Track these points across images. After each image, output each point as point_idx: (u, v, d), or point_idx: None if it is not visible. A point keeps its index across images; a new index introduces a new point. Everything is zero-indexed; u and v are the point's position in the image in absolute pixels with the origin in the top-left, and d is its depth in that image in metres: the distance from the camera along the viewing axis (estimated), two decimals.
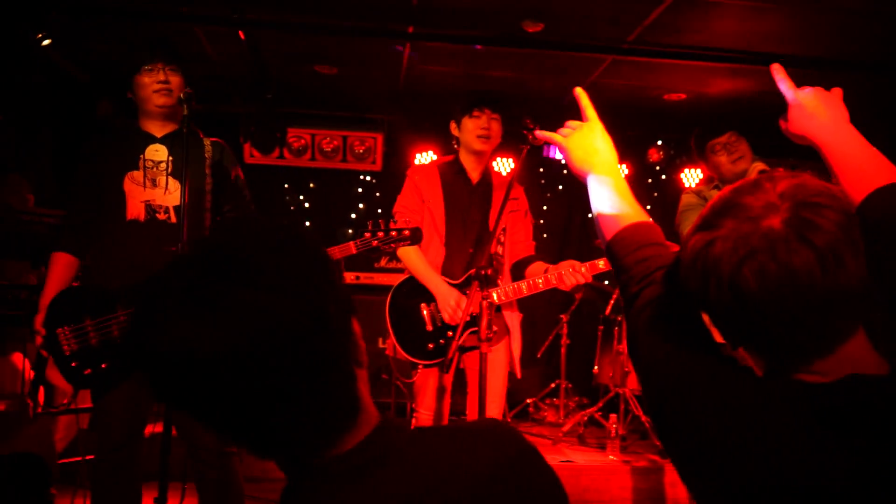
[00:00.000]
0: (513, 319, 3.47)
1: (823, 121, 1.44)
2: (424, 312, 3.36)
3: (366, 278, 5.89)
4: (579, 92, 1.60)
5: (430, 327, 3.33)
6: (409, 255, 3.35)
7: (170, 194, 2.92)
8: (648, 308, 1.28)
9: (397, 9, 4.40)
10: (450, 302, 3.27)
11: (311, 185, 7.15)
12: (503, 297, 3.31)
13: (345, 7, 4.43)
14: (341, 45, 5.15)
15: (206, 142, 3.06)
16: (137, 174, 2.91)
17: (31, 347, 3.78)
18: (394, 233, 2.92)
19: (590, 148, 1.54)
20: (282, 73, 5.73)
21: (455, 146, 3.59)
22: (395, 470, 0.94)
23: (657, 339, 1.22)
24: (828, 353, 1.05)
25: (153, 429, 3.76)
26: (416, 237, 2.97)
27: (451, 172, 3.50)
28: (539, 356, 6.27)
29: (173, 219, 2.90)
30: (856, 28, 4.34)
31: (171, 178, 2.93)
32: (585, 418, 5.41)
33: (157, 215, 2.89)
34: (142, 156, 2.94)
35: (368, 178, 7.20)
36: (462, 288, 3.37)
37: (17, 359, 3.86)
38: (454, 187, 3.47)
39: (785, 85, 1.49)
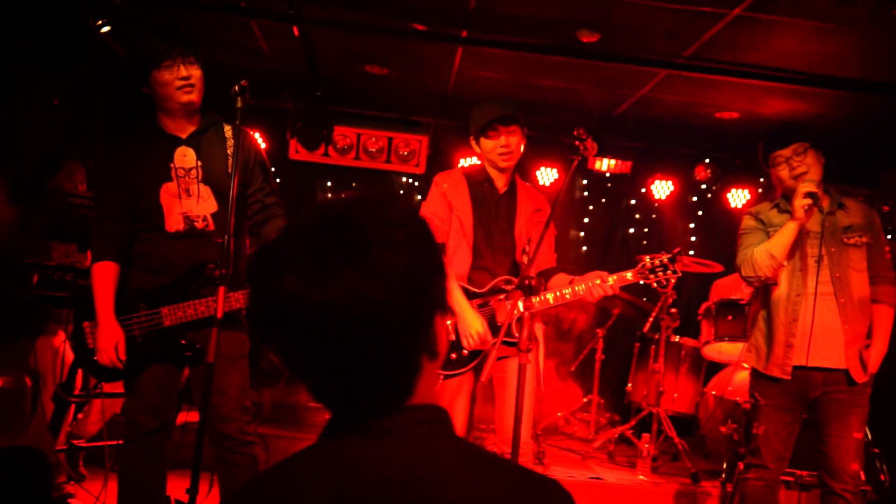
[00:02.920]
0: (538, 331, 3.42)
1: None
2: (447, 323, 3.31)
3: None
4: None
5: (452, 336, 3.28)
6: None
7: (203, 202, 2.90)
8: None
9: (453, 12, 4.39)
10: (471, 327, 3.20)
11: (354, 184, 7.17)
12: (537, 307, 3.26)
13: (400, 8, 4.43)
14: (393, 47, 5.15)
15: (227, 129, 2.99)
16: (172, 186, 2.87)
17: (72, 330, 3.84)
18: None
19: None
20: (332, 71, 5.76)
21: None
22: (414, 452, 1.00)
23: None
24: None
25: (186, 417, 3.80)
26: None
27: (479, 181, 3.45)
28: (573, 369, 6.20)
29: (211, 226, 2.90)
30: None
31: (202, 185, 2.90)
32: (616, 436, 5.33)
33: (196, 224, 2.88)
34: (172, 164, 2.88)
35: (412, 181, 7.21)
36: (487, 296, 3.33)
37: (60, 340, 3.90)
38: (481, 196, 3.43)
39: None
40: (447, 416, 1.07)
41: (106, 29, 4.37)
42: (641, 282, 3.20)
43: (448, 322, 3.30)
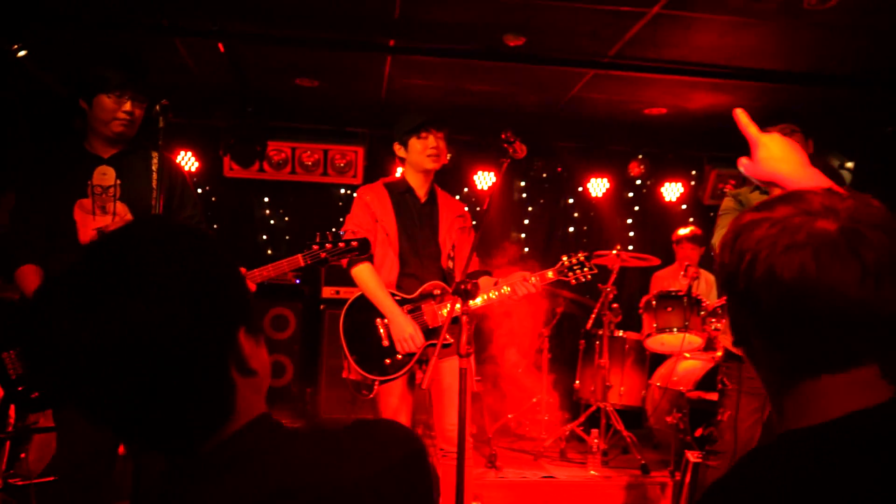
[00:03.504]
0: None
1: (794, 165, 1.44)
2: (381, 328, 3.34)
3: (346, 293, 5.84)
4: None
5: (386, 342, 3.33)
6: (363, 276, 3.34)
7: (120, 219, 2.92)
8: None
9: (379, 22, 4.39)
10: (405, 332, 3.27)
11: (291, 198, 7.11)
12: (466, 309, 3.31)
13: (326, 20, 4.42)
14: (322, 59, 5.13)
15: (154, 156, 2.97)
16: (87, 202, 2.89)
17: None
18: (342, 244, 2.96)
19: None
20: (263, 85, 5.71)
21: (401, 166, 3.62)
22: (254, 469, 0.96)
23: None
24: (839, 370, 1.03)
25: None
26: (364, 248, 3.01)
27: (400, 191, 3.53)
28: (520, 370, 6.24)
29: None
30: (832, 43, 4.38)
31: (119, 203, 2.92)
32: (567, 433, 5.38)
33: None
34: (90, 182, 2.91)
35: (351, 192, 7.17)
36: (417, 302, 3.39)
37: None
38: (404, 206, 3.51)
39: (750, 129, 1.49)
40: (275, 420, 1.03)
41: (22, 53, 4.26)
42: (562, 279, 3.34)
43: (381, 330, 3.32)
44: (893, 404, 1.04)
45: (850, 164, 6.45)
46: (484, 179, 6.78)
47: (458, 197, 4.56)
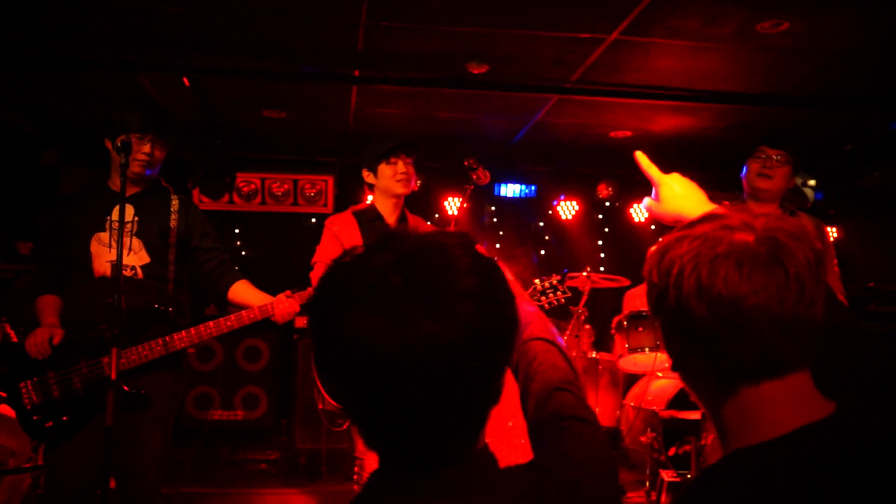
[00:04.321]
0: None
1: (696, 201, 1.50)
2: None
3: None
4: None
5: None
6: None
7: (134, 254, 3.04)
8: None
9: (343, 53, 4.43)
10: None
11: (262, 229, 7.09)
12: None
13: (291, 52, 4.45)
14: (289, 90, 5.16)
15: (174, 199, 3.19)
16: (104, 235, 3.03)
17: None
18: None
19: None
20: (230, 117, 5.72)
21: (369, 192, 3.65)
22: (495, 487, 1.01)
23: None
24: (776, 376, 1.06)
25: None
26: None
27: (368, 219, 3.55)
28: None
29: (140, 274, 3.02)
30: (787, 65, 4.48)
31: (135, 238, 3.05)
32: None
33: (124, 272, 2.97)
34: (108, 217, 3.05)
35: (321, 222, 7.17)
36: None
37: None
38: (373, 232, 3.50)
39: (651, 170, 1.55)
40: (492, 455, 1.06)
41: None
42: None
43: None
44: (837, 420, 1.07)
45: (812, 182, 6.57)
46: (453, 205, 6.83)
47: (428, 223, 4.56)
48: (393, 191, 3.48)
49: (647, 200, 1.56)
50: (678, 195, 1.51)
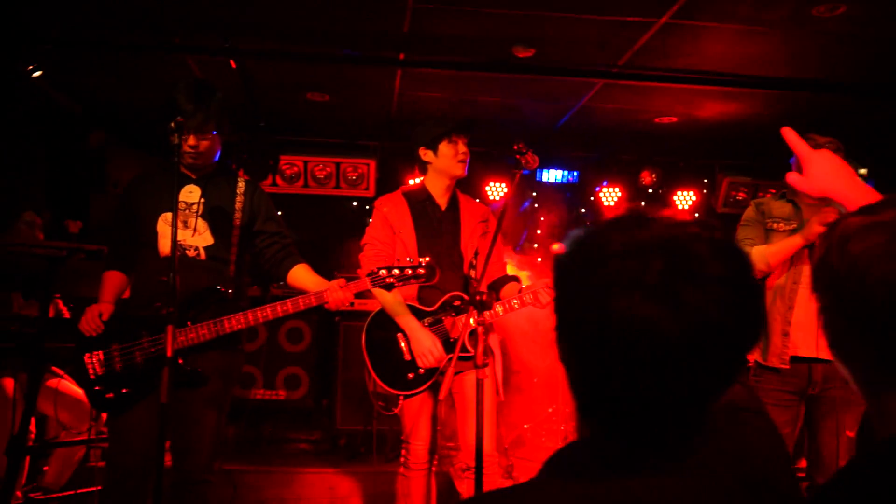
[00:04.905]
0: (493, 341, 3.44)
1: (846, 181, 1.46)
2: (402, 343, 3.32)
3: (359, 304, 5.87)
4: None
5: (408, 356, 3.29)
6: (383, 291, 3.32)
7: (198, 235, 3.08)
8: None
9: (389, 36, 4.43)
10: (424, 346, 3.25)
11: (305, 211, 7.15)
12: (489, 321, 3.28)
13: (336, 35, 4.46)
14: (333, 73, 5.18)
15: (241, 181, 3.22)
16: (170, 215, 3.02)
17: (23, 379, 3.77)
18: (409, 270, 2.96)
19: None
20: (274, 100, 5.76)
21: (421, 173, 3.58)
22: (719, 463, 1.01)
23: None
24: None
25: None
26: (431, 274, 2.97)
27: (419, 200, 3.49)
28: (536, 380, 6.23)
29: (202, 256, 3.07)
30: (841, 51, 4.38)
31: (200, 220, 3.09)
32: None
33: (188, 253, 3.04)
34: (175, 197, 3.03)
35: (366, 206, 7.21)
36: (437, 314, 3.35)
37: (9, 390, 3.82)
38: (423, 215, 3.47)
39: (800, 146, 1.51)
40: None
41: (38, 74, 4.32)
42: None
43: (402, 345, 3.32)
44: None
45: (863, 171, 6.42)
46: (495, 190, 6.81)
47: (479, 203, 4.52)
48: (452, 171, 3.44)
49: (793, 176, 1.52)
50: (828, 172, 1.48)
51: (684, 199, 7.06)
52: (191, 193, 3.10)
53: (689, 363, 0.93)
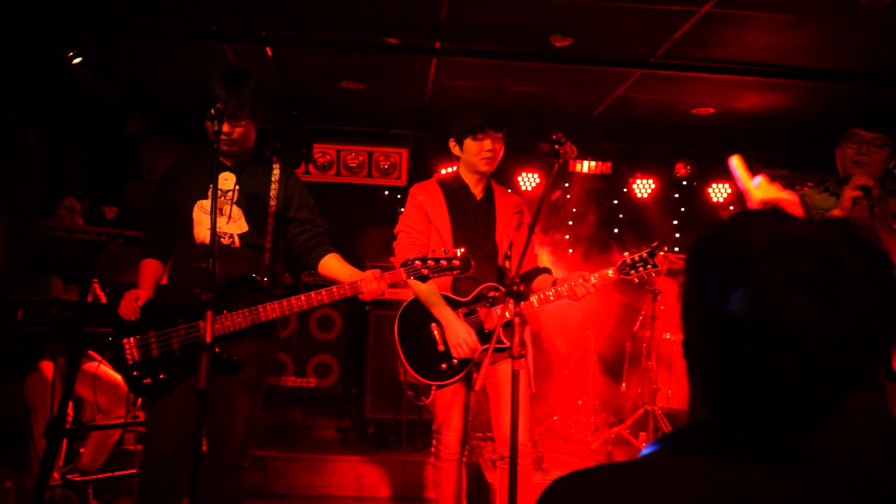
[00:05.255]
0: (526, 333, 3.41)
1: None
2: (435, 333, 3.30)
3: (391, 293, 5.85)
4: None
5: (441, 347, 3.28)
6: (418, 282, 3.29)
7: (233, 222, 3.08)
8: None
9: (425, 24, 4.40)
10: (459, 336, 3.22)
11: (337, 200, 7.15)
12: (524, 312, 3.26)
13: (371, 23, 4.44)
14: (368, 62, 5.16)
15: (276, 168, 3.21)
16: (206, 203, 3.08)
17: (61, 363, 3.82)
18: (444, 262, 2.93)
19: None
20: (308, 88, 5.76)
21: (456, 162, 3.54)
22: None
23: None
24: None
25: None
26: (466, 266, 2.94)
27: (454, 189, 3.46)
28: (567, 372, 6.21)
29: (237, 243, 3.07)
30: (888, 42, 4.27)
31: (235, 207, 3.09)
32: (613, 436, 5.34)
33: (222, 240, 3.05)
34: (212, 185, 3.03)
35: (398, 195, 7.20)
36: (472, 305, 3.33)
37: (48, 373, 3.88)
38: (458, 204, 3.43)
39: (741, 180, 1.56)
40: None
41: (77, 60, 4.36)
42: (624, 278, 3.21)
43: (436, 334, 3.31)
44: None
45: None
46: (528, 181, 6.77)
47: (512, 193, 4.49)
48: (476, 168, 3.40)
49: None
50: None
51: (719, 192, 6.97)
52: (226, 181, 3.11)
53: (837, 360, 0.95)
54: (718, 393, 1.02)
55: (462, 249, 2.97)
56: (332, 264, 3.19)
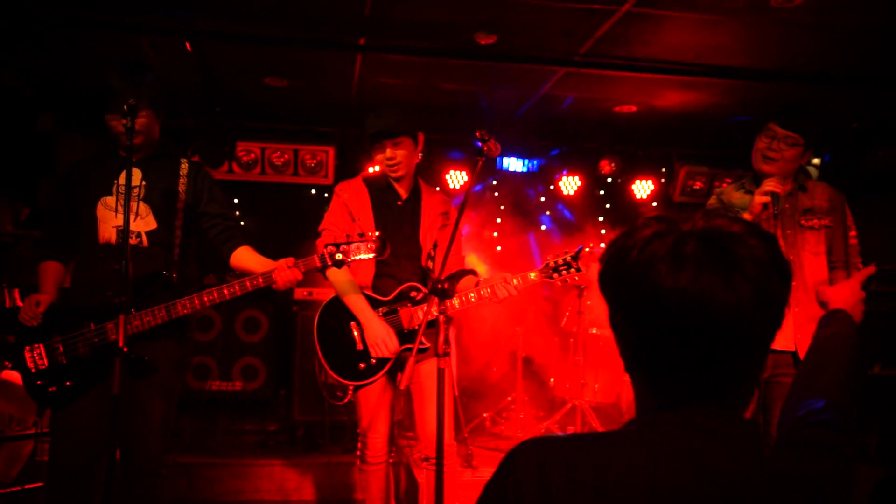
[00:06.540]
0: (450, 332, 3.41)
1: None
2: (355, 333, 3.28)
3: (318, 294, 5.79)
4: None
5: (360, 346, 3.25)
6: (337, 278, 3.26)
7: (141, 219, 2.97)
8: None
9: (349, 20, 4.35)
10: (377, 335, 3.20)
11: (262, 199, 7.02)
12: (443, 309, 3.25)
13: (295, 18, 4.36)
14: (291, 58, 5.07)
15: (184, 163, 3.12)
16: (110, 200, 2.98)
17: None
18: (357, 241, 2.90)
19: None
20: (231, 85, 5.63)
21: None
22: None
23: None
24: None
25: None
26: (382, 248, 2.91)
27: (380, 188, 3.45)
28: (495, 369, 6.24)
29: (145, 242, 2.97)
30: (799, 41, 4.42)
31: (142, 203, 2.99)
32: (542, 431, 5.38)
33: (129, 239, 2.88)
34: (116, 181, 2.98)
35: (325, 193, 7.10)
36: (393, 304, 3.31)
37: None
38: (383, 203, 3.42)
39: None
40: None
41: None
42: (547, 281, 3.23)
43: (355, 334, 3.27)
44: None
45: (816, 161, 6.54)
46: (456, 178, 6.77)
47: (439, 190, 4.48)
48: (387, 174, 3.41)
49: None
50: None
51: (642, 189, 7.10)
52: (132, 176, 2.99)
53: (737, 325, 1.05)
54: (640, 367, 1.14)
55: (378, 232, 2.94)
56: (245, 256, 3.12)
